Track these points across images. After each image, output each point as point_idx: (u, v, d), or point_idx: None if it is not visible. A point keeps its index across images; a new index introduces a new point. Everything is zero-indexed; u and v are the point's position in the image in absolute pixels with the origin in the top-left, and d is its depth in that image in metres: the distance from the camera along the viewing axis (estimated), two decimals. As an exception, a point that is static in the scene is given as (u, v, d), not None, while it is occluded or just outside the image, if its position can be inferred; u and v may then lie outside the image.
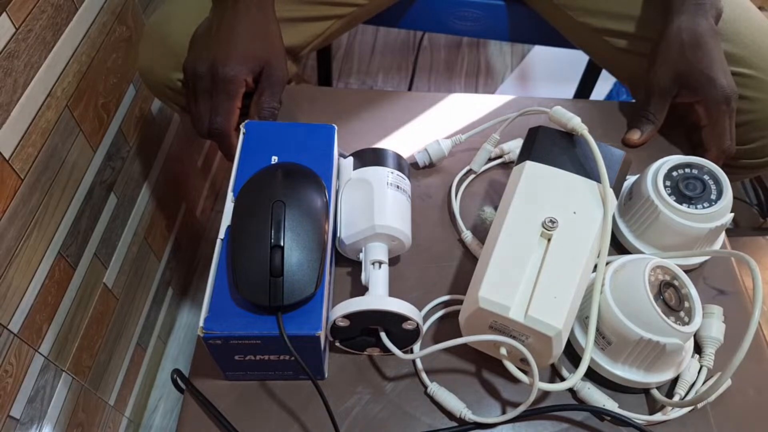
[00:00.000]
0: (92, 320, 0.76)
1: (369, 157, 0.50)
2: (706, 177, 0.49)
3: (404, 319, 0.42)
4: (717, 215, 0.47)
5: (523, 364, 0.43)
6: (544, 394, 0.46)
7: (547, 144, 0.48)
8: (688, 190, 0.48)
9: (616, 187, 0.46)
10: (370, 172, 0.49)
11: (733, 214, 0.48)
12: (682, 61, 0.55)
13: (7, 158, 0.56)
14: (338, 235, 0.47)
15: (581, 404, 0.44)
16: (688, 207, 0.47)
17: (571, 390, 0.45)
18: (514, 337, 0.41)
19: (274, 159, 0.47)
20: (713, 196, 0.48)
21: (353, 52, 1.55)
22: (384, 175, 0.49)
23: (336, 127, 0.50)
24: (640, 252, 0.50)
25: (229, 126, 0.54)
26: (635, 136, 0.60)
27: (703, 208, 0.47)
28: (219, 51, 0.53)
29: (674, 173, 0.49)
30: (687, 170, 0.49)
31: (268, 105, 0.55)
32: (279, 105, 0.56)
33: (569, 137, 0.48)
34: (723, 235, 0.53)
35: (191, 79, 0.55)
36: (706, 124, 0.56)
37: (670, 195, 0.48)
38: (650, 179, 0.49)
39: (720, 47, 0.56)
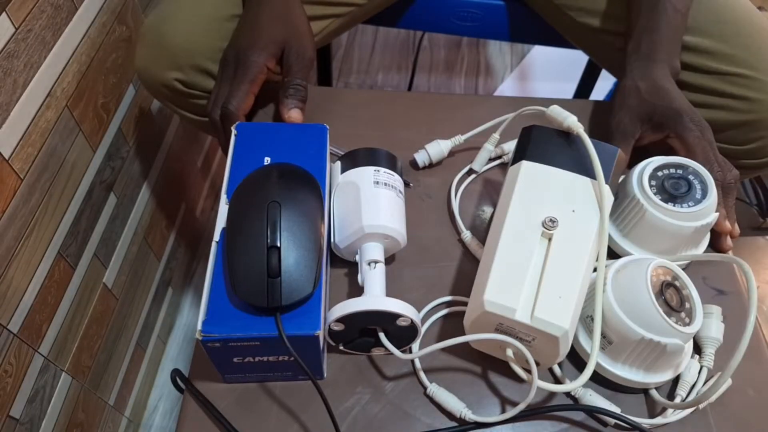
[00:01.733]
0: (92, 320, 0.76)
1: (354, 159, 0.50)
2: (691, 177, 0.49)
3: (397, 316, 0.42)
4: (702, 214, 0.47)
5: (528, 363, 0.43)
6: (547, 394, 0.45)
7: (542, 143, 0.48)
8: (673, 189, 0.48)
9: (612, 183, 0.47)
10: (356, 173, 0.49)
11: (718, 213, 0.49)
12: (643, 103, 0.55)
13: (6, 158, 0.56)
14: (332, 240, 0.47)
15: (582, 404, 0.44)
16: (674, 206, 0.47)
17: (570, 395, 0.45)
18: (520, 339, 0.41)
19: (267, 160, 0.47)
20: (698, 195, 0.48)
21: (353, 52, 1.55)
22: (369, 175, 0.48)
23: (328, 127, 0.50)
24: (627, 253, 0.50)
25: (240, 109, 0.55)
26: None
27: (689, 206, 0.47)
28: (243, 39, 0.56)
29: (659, 173, 0.49)
30: (672, 170, 0.49)
31: (291, 84, 0.56)
32: (303, 83, 0.56)
33: (563, 135, 0.49)
34: (708, 234, 0.53)
35: (219, 68, 0.57)
36: (688, 157, 0.52)
37: (655, 194, 0.48)
38: (636, 178, 0.49)
39: (680, 92, 0.55)
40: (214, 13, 0.60)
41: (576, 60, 0.98)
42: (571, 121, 0.48)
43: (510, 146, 0.59)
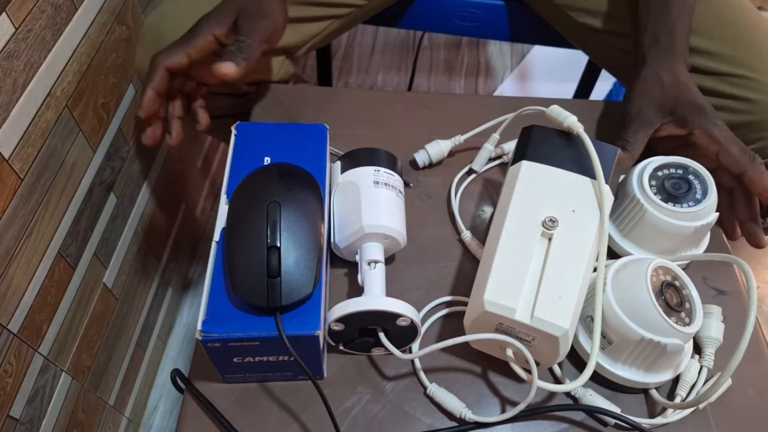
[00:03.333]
0: (92, 320, 0.76)
1: (354, 159, 0.50)
2: (691, 177, 0.49)
3: (397, 316, 0.42)
4: (702, 214, 0.47)
5: (528, 363, 0.43)
6: (547, 394, 0.45)
7: (542, 143, 0.48)
8: (673, 189, 0.48)
9: (612, 183, 0.47)
10: (356, 173, 0.49)
11: (718, 213, 0.49)
12: (665, 95, 0.54)
13: (6, 158, 0.56)
14: (332, 240, 0.47)
15: (582, 404, 0.44)
16: (674, 205, 0.47)
17: (570, 395, 0.45)
18: (520, 339, 0.41)
19: (267, 160, 0.47)
20: (698, 195, 0.48)
21: (353, 52, 1.55)
22: (369, 175, 0.48)
23: (328, 127, 0.50)
24: (627, 253, 0.50)
25: (165, 62, 0.51)
26: None
27: (689, 206, 0.47)
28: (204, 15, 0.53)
29: (659, 173, 0.49)
30: (672, 170, 0.49)
31: (235, 40, 0.51)
32: (249, 41, 0.51)
33: (563, 135, 0.49)
34: (708, 234, 0.53)
35: None
36: (716, 151, 0.51)
37: (656, 194, 0.48)
38: (636, 178, 0.49)
39: (699, 90, 0.55)
40: (214, 13, 0.60)
41: (576, 60, 0.98)
42: (571, 121, 0.48)
43: (510, 146, 0.59)
